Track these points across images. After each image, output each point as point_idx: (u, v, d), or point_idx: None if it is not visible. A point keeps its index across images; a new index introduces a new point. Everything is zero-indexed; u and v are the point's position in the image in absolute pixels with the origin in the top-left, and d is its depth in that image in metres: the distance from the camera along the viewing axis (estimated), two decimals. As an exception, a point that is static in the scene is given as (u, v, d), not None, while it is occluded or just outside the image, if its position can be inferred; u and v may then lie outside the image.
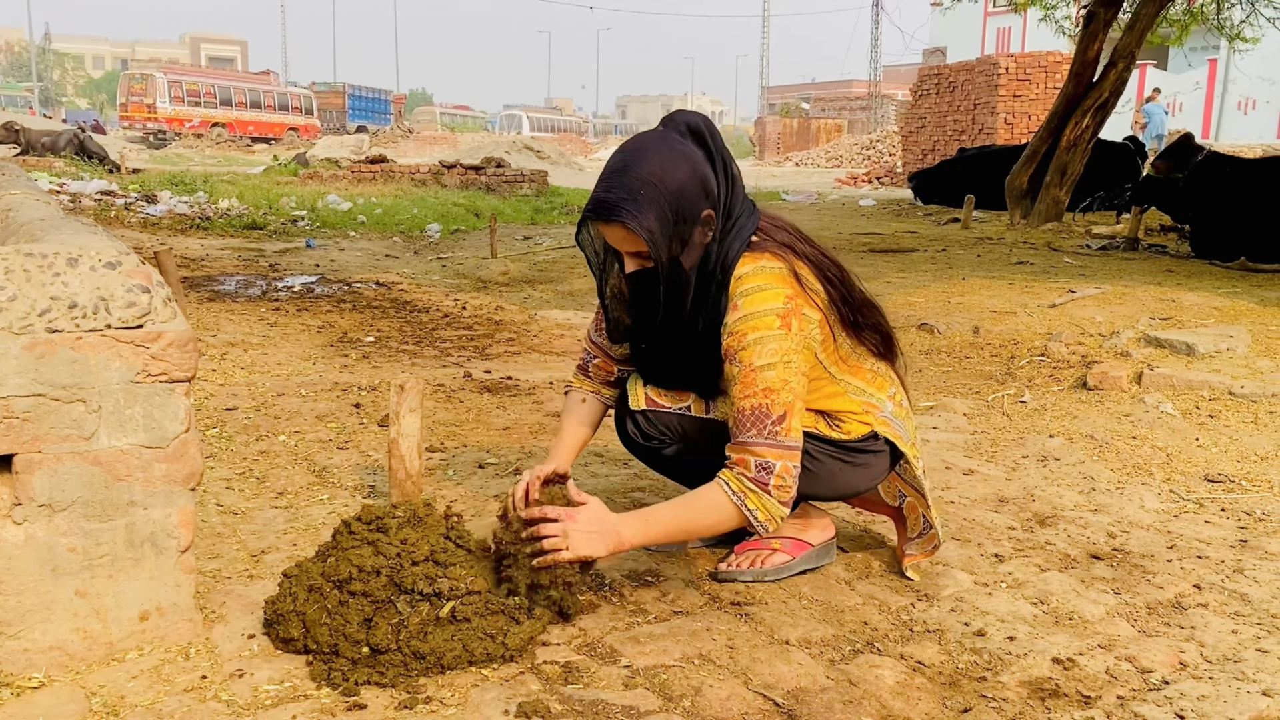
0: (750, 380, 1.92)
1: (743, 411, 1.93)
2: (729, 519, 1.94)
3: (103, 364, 1.68)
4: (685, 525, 1.97)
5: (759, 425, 1.92)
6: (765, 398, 1.92)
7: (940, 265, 7.03)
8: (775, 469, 1.92)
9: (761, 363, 1.92)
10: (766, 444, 1.92)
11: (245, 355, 4.09)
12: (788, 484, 1.93)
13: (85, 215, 9.17)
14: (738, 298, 1.94)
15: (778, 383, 1.92)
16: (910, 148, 22.01)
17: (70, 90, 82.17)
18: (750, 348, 1.92)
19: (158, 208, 9.76)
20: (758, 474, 1.91)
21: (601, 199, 1.92)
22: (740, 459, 1.93)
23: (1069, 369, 4.22)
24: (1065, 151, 8.87)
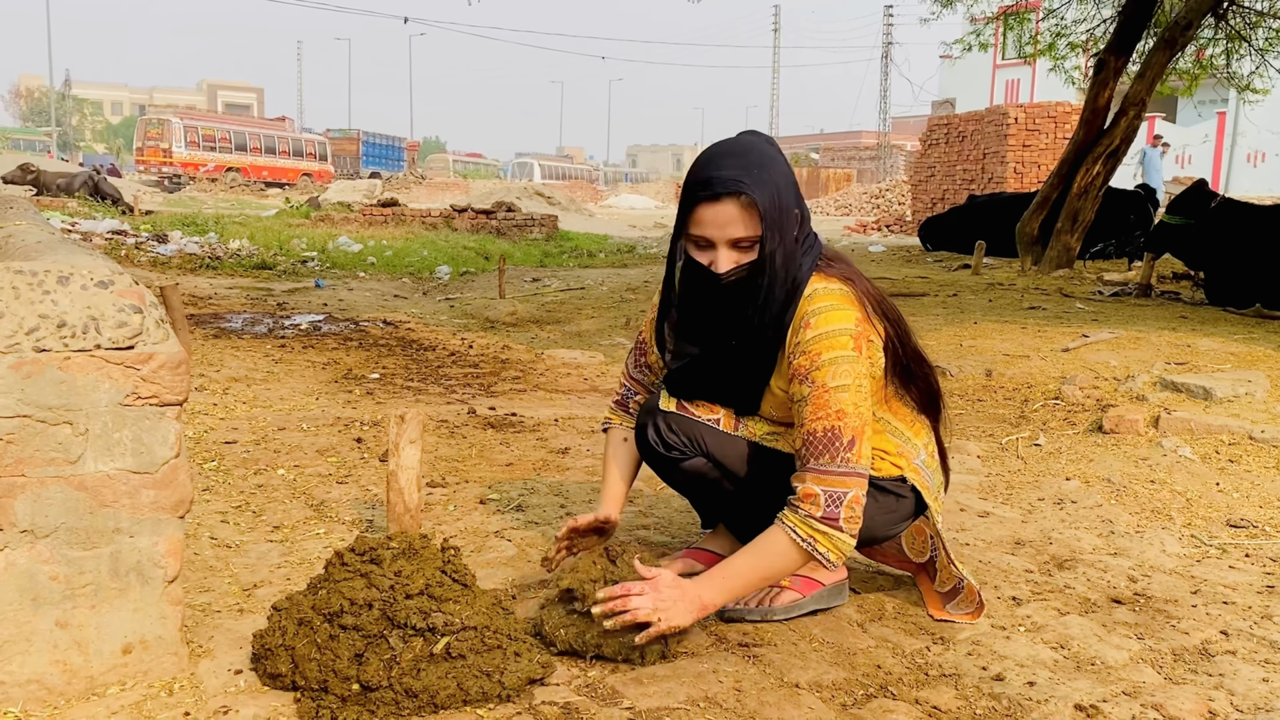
0: (824, 401, 1.87)
1: (814, 435, 1.87)
2: (800, 562, 1.90)
3: (91, 385, 1.62)
4: (761, 575, 1.90)
5: (831, 450, 1.86)
6: (839, 420, 1.86)
7: (952, 310, 6.97)
8: (846, 499, 1.86)
9: (836, 384, 1.87)
10: (839, 472, 1.86)
11: (248, 390, 4.04)
12: (857, 514, 1.88)
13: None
14: (810, 315, 1.90)
15: (850, 406, 1.87)
16: (920, 196, 22.06)
17: (88, 135, 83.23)
18: (825, 368, 1.87)
19: (168, 247, 9.79)
20: (828, 509, 1.85)
21: (717, 176, 1.88)
22: (807, 493, 1.86)
23: (1084, 412, 4.15)
24: (1076, 198, 8.85)
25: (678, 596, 1.82)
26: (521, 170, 55.94)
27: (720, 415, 2.09)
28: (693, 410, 2.09)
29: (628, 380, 2.27)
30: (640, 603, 1.78)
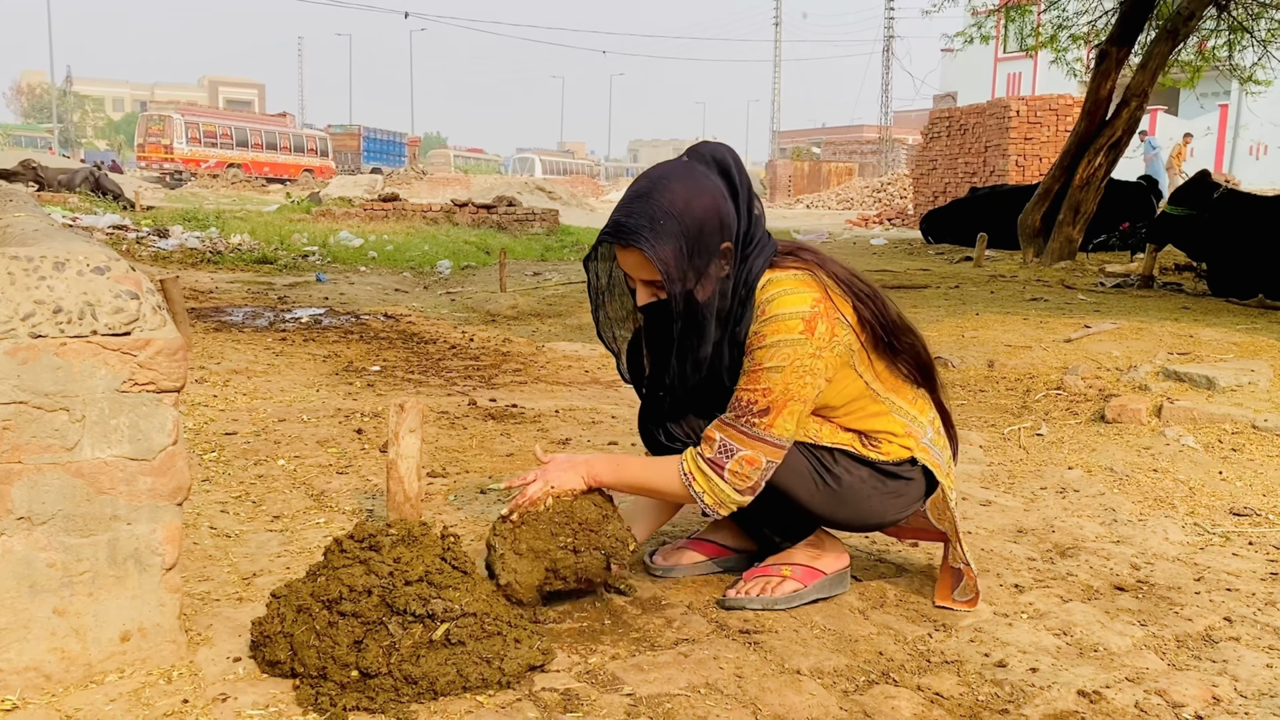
0: (756, 378, 1.93)
1: (739, 399, 1.95)
2: (676, 492, 2.00)
3: (88, 371, 1.62)
4: (644, 483, 2.03)
5: (746, 413, 1.94)
6: (762, 396, 1.93)
7: (954, 301, 6.96)
8: (736, 455, 1.94)
9: (771, 365, 1.92)
10: (739, 431, 1.94)
11: (249, 382, 4.04)
12: (747, 474, 1.94)
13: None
14: (765, 303, 1.94)
15: (779, 386, 1.92)
16: (921, 189, 22.02)
17: (90, 131, 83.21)
18: (767, 348, 1.92)
19: (169, 242, 9.78)
20: (717, 454, 1.95)
21: (620, 223, 1.91)
22: (708, 435, 1.98)
23: (1086, 402, 4.13)
24: (1078, 190, 8.82)
25: (568, 468, 2.01)
26: (523, 165, 55.92)
27: None
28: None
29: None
30: (534, 489, 1.98)
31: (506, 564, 1.93)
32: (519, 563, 1.92)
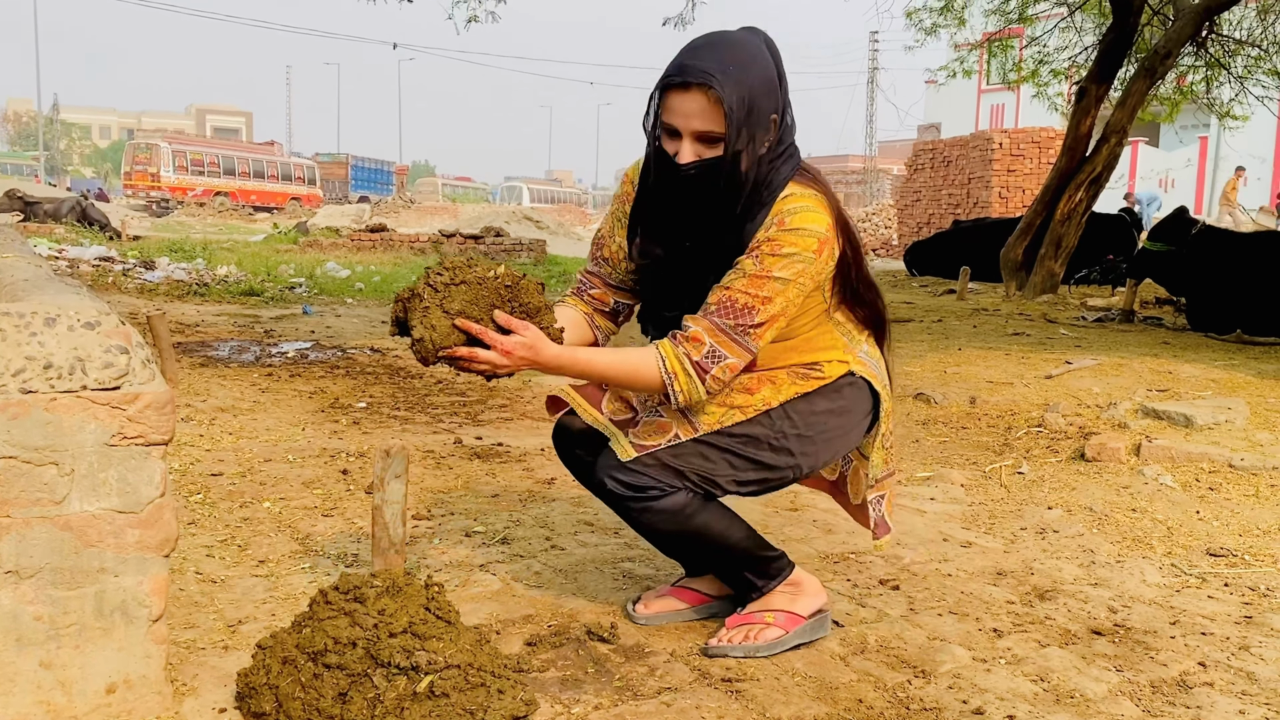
0: (760, 283, 1.91)
1: (733, 301, 1.92)
2: (647, 387, 1.96)
3: (77, 426, 1.64)
4: (610, 371, 1.96)
5: (741, 318, 1.91)
6: (763, 304, 1.91)
7: (936, 336, 7.02)
8: (726, 362, 1.93)
9: (780, 275, 1.91)
10: (732, 338, 1.92)
11: (234, 421, 4.05)
12: (724, 380, 1.96)
13: (82, 280, 9.18)
14: (786, 214, 1.92)
15: (780, 300, 1.92)
16: (906, 220, 22.21)
17: (76, 159, 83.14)
18: (782, 258, 1.90)
19: (155, 274, 9.78)
20: (706, 359, 1.92)
21: (687, 65, 1.86)
22: (695, 336, 1.93)
23: (1066, 440, 4.18)
24: (1060, 224, 8.93)
25: (521, 362, 1.86)
26: (510, 194, 56.08)
27: (674, 432, 2.03)
28: (649, 441, 2.02)
29: (584, 275, 2.22)
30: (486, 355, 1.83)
31: (429, 319, 1.80)
32: (442, 321, 1.80)
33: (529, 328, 1.84)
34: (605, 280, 2.19)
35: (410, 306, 1.83)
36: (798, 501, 3.25)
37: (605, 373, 1.95)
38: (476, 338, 1.81)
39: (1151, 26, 11.09)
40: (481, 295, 1.81)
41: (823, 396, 2.06)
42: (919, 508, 3.30)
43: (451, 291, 1.80)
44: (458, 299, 1.80)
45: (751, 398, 2.03)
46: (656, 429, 2.02)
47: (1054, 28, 12.80)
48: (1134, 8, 8.63)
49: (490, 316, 1.82)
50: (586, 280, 2.21)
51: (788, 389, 2.04)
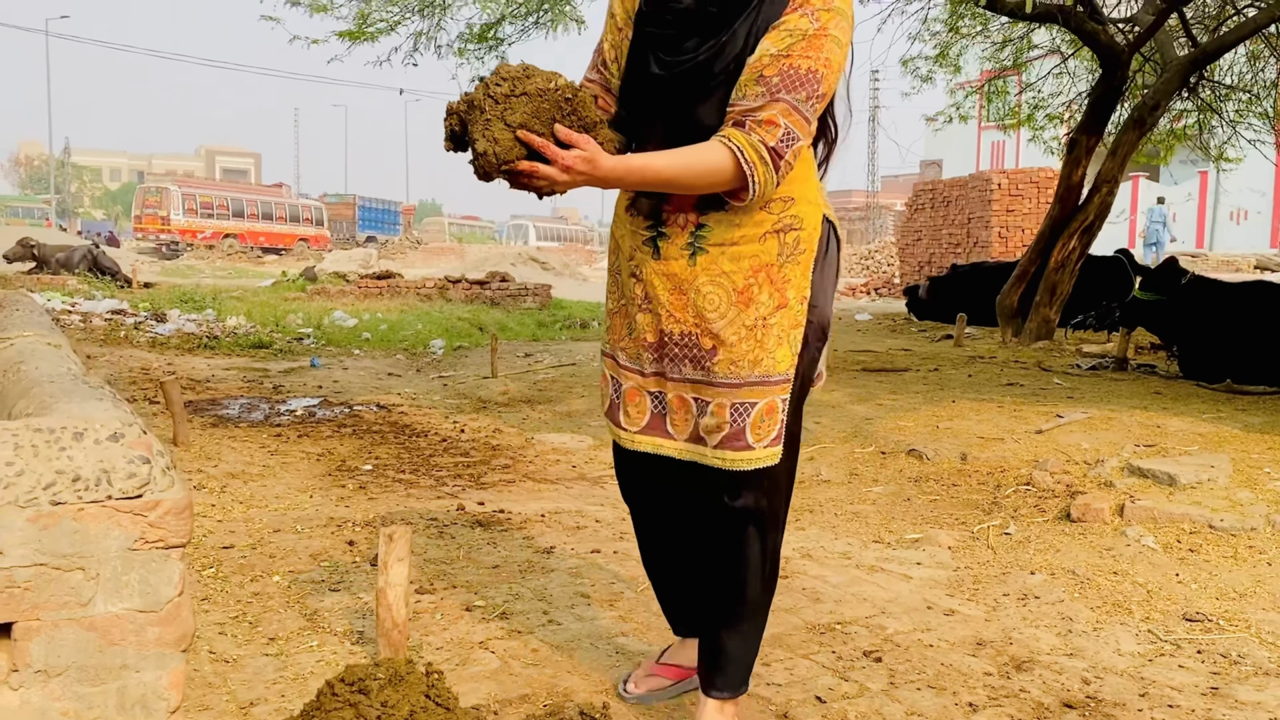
0: (820, 45, 1.78)
1: (797, 69, 1.77)
2: (723, 183, 1.81)
3: (102, 533, 1.77)
4: (678, 174, 1.81)
5: (809, 88, 1.78)
6: (825, 67, 1.79)
7: (932, 386, 7.14)
8: (797, 145, 1.80)
9: (834, 35, 1.79)
10: (806, 114, 1.79)
11: (245, 488, 4.18)
12: (791, 166, 1.83)
13: (95, 335, 9.35)
14: None
15: (837, 65, 1.81)
16: (907, 259, 22.39)
17: (87, 201, 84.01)
18: (834, 12, 1.79)
19: (166, 327, 9.96)
20: (781, 143, 1.78)
21: None
22: (770, 119, 1.78)
23: (1054, 498, 4.29)
24: (1054, 272, 9.09)
25: (579, 178, 1.77)
26: (517, 233, 56.49)
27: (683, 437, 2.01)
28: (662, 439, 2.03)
29: (584, 83, 2.07)
30: (544, 171, 1.76)
31: (491, 131, 1.73)
32: (504, 134, 1.73)
33: (589, 141, 1.76)
34: (607, 88, 2.04)
35: (470, 119, 1.74)
36: (788, 569, 3.36)
37: (671, 174, 1.81)
38: (537, 151, 1.74)
39: (1144, 72, 11.30)
40: (543, 107, 1.74)
41: (819, 269, 1.98)
42: (906, 573, 3.42)
43: (513, 103, 1.72)
44: (519, 110, 1.72)
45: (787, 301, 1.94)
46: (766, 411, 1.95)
47: (1048, 74, 13.01)
48: (1121, 61, 8.82)
49: (551, 130, 1.74)
50: (586, 87, 2.04)
51: (796, 273, 1.94)
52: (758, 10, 1.82)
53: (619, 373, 2.10)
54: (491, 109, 1.72)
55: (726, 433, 1.95)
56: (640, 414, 2.07)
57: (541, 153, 1.74)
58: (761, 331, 1.92)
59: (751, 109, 1.79)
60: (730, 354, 1.93)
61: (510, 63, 1.78)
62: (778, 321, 1.92)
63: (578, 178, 1.77)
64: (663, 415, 2.04)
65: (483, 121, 1.72)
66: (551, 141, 1.74)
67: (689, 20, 1.87)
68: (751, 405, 1.94)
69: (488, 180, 1.77)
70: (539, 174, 1.75)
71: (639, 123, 1.96)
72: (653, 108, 1.93)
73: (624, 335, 2.08)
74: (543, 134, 1.73)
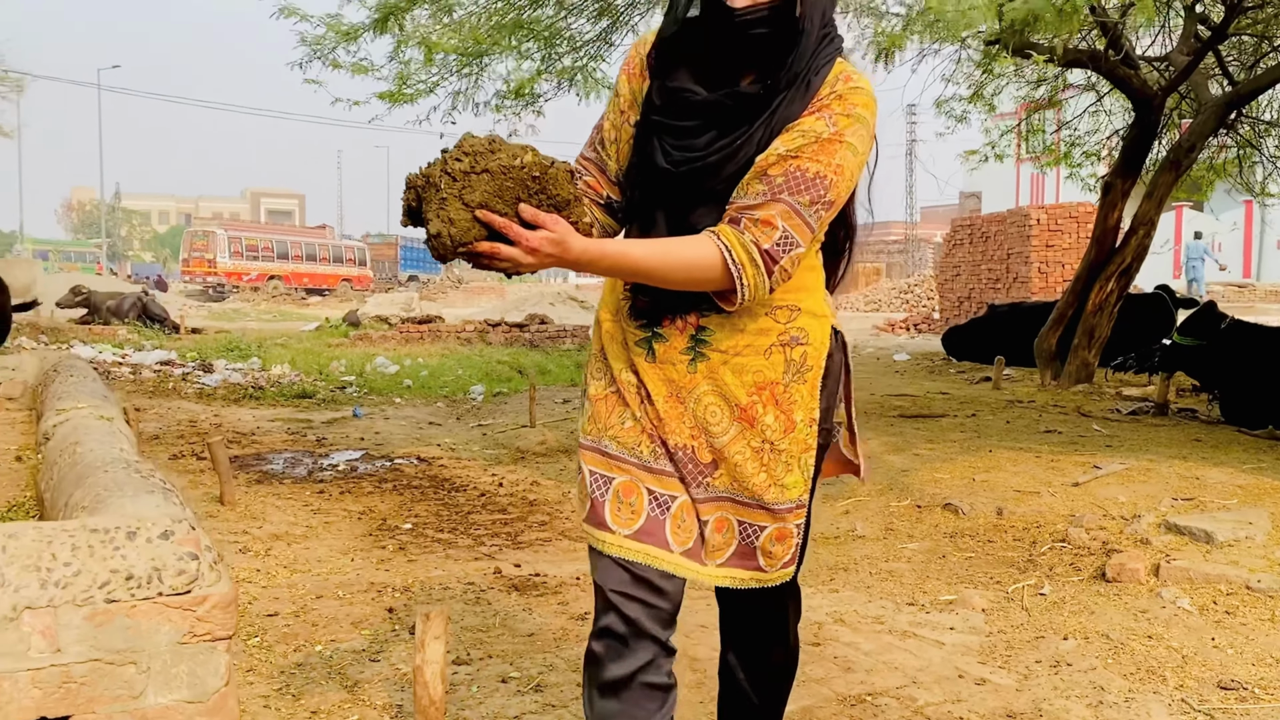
0: (833, 150, 1.70)
1: (804, 171, 1.69)
2: (711, 283, 1.71)
3: (153, 628, 1.86)
4: (649, 265, 1.71)
5: (813, 193, 1.69)
6: (835, 174, 1.70)
7: (969, 433, 7.13)
8: (795, 251, 1.71)
9: (852, 140, 1.72)
10: (807, 220, 1.70)
11: (288, 550, 4.28)
12: (790, 275, 1.75)
13: (145, 387, 9.58)
14: (852, 74, 1.76)
15: (848, 170, 1.72)
16: (946, 295, 22.29)
17: (136, 245, 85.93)
18: (853, 119, 1.72)
19: (213, 378, 10.18)
20: (777, 247, 1.69)
21: None
22: (767, 219, 1.69)
23: (1089, 556, 4.28)
24: (1092, 315, 9.04)
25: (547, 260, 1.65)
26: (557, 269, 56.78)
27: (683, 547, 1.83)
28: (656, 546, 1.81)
29: (580, 162, 1.93)
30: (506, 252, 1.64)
31: (447, 211, 1.62)
32: (460, 214, 1.62)
33: (558, 221, 1.64)
34: (602, 169, 1.92)
35: (425, 197, 1.64)
36: (821, 635, 3.39)
37: (650, 265, 1.71)
38: (499, 231, 1.62)
39: (1180, 110, 11.25)
40: (506, 185, 1.63)
41: (825, 388, 1.88)
42: (938, 639, 3.43)
43: (473, 181, 1.62)
44: (479, 189, 1.62)
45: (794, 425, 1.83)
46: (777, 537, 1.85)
47: (1084, 112, 12.99)
48: (1154, 105, 8.81)
49: (515, 209, 1.63)
50: (581, 168, 1.92)
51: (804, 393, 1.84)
52: (775, 110, 1.73)
53: (609, 465, 1.86)
54: (448, 187, 1.61)
55: (734, 550, 1.85)
56: (634, 514, 1.83)
57: (503, 234, 1.62)
58: (769, 456, 1.81)
59: (749, 206, 1.70)
60: (733, 473, 1.82)
61: (476, 134, 1.66)
62: (786, 447, 1.82)
63: (544, 259, 1.64)
64: (662, 521, 1.83)
65: (438, 200, 1.61)
66: (516, 221, 1.62)
67: (703, 114, 1.77)
68: (761, 528, 1.84)
69: (444, 261, 1.68)
70: (500, 256, 1.63)
71: (639, 214, 1.85)
72: (655, 201, 1.82)
73: (616, 423, 1.88)
74: (506, 213, 1.62)
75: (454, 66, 6.72)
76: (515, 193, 1.63)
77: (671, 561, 1.83)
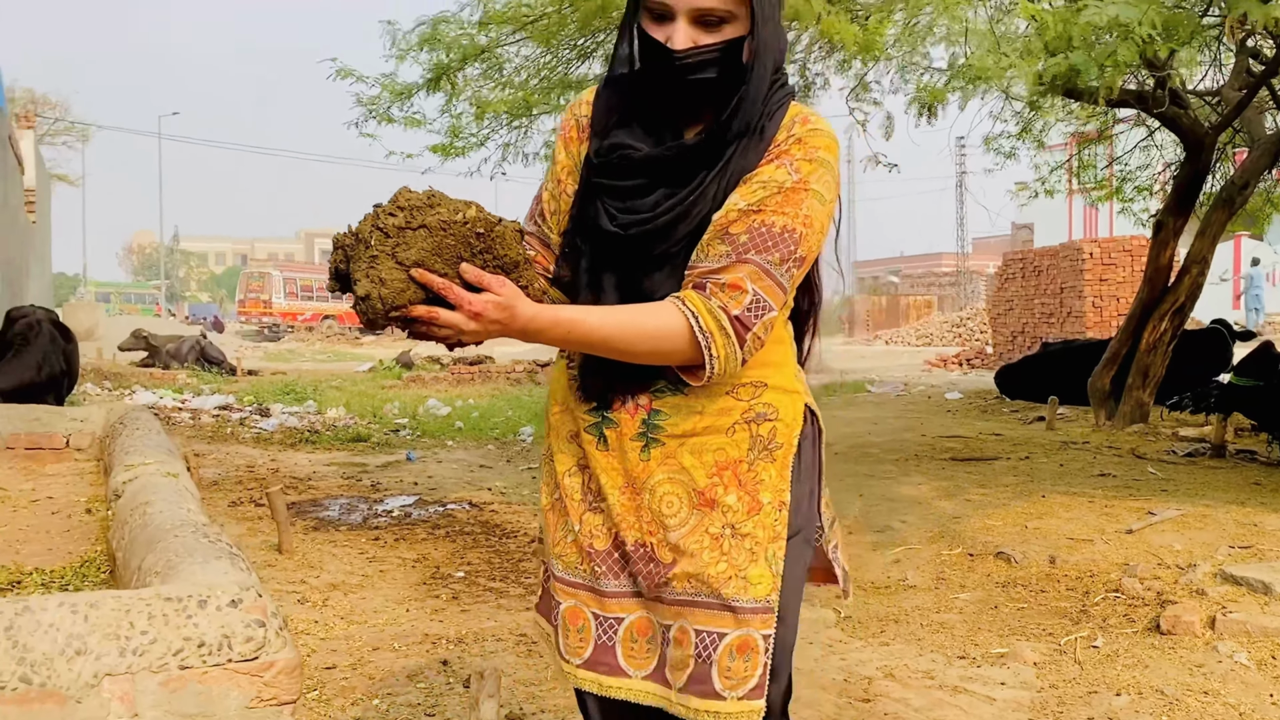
0: (798, 200, 1.55)
1: (770, 227, 1.54)
2: (677, 355, 1.55)
3: (223, 694, 1.94)
4: (606, 335, 1.54)
5: (783, 250, 1.54)
6: (804, 226, 1.55)
7: (1022, 477, 7.07)
8: (767, 317, 1.55)
9: (817, 189, 1.56)
10: (778, 281, 1.55)
11: (345, 600, 4.38)
12: (762, 342, 1.58)
13: (204, 432, 9.81)
14: (810, 116, 1.62)
15: (818, 224, 1.57)
16: (999, 329, 22.11)
17: (194, 286, 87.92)
18: (816, 164, 1.57)
19: (270, 422, 10.40)
20: (748, 313, 1.53)
21: None
22: (735, 283, 1.53)
23: (1143, 607, 4.24)
24: (1145, 354, 8.95)
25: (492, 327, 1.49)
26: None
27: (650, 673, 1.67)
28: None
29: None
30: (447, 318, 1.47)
31: (378, 271, 1.44)
32: (393, 274, 1.45)
33: (505, 284, 1.47)
34: (545, 243, 1.78)
35: (354, 255, 1.47)
36: (871, 691, 3.40)
37: (607, 333, 1.54)
38: (439, 294, 1.45)
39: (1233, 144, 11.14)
40: (447, 243, 1.46)
41: (799, 472, 1.69)
42: (989, 694, 3.43)
43: (408, 237, 1.44)
44: (415, 246, 1.44)
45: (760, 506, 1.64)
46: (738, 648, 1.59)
47: (1135, 147, 12.91)
48: (1206, 144, 8.75)
49: (456, 270, 1.46)
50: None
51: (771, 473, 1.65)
52: (729, 161, 1.59)
53: (556, 588, 1.77)
54: (380, 244, 1.44)
55: (691, 670, 1.60)
56: (582, 643, 1.71)
57: (443, 296, 1.45)
58: (730, 543, 1.61)
59: (714, 270, 1.55)
60: (690, 566, 1.61)
61: (413, 188, 1.50)
62: (750, 531, 1.61)
63: (490, 326, 1.47)
64: (611, 645, 1.68)
65: (367, 259, 1.44)
66: (457, 283, 1.45)
67: (647, 171, 1.62)
68: (719, 636, 1.59)
69: (375, 329, 1.52)
70: (439, 321, 1.45)
71: (586, 287, 1.67)
72: (603, 267, 1.65)
73: (560, 538, 1.76)
74: (446, 274, 1.45)
75: (504, 120, 6.89)
76: (457, 251, 1.47)
77: (628, 687, 1.67)
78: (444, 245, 1.45)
